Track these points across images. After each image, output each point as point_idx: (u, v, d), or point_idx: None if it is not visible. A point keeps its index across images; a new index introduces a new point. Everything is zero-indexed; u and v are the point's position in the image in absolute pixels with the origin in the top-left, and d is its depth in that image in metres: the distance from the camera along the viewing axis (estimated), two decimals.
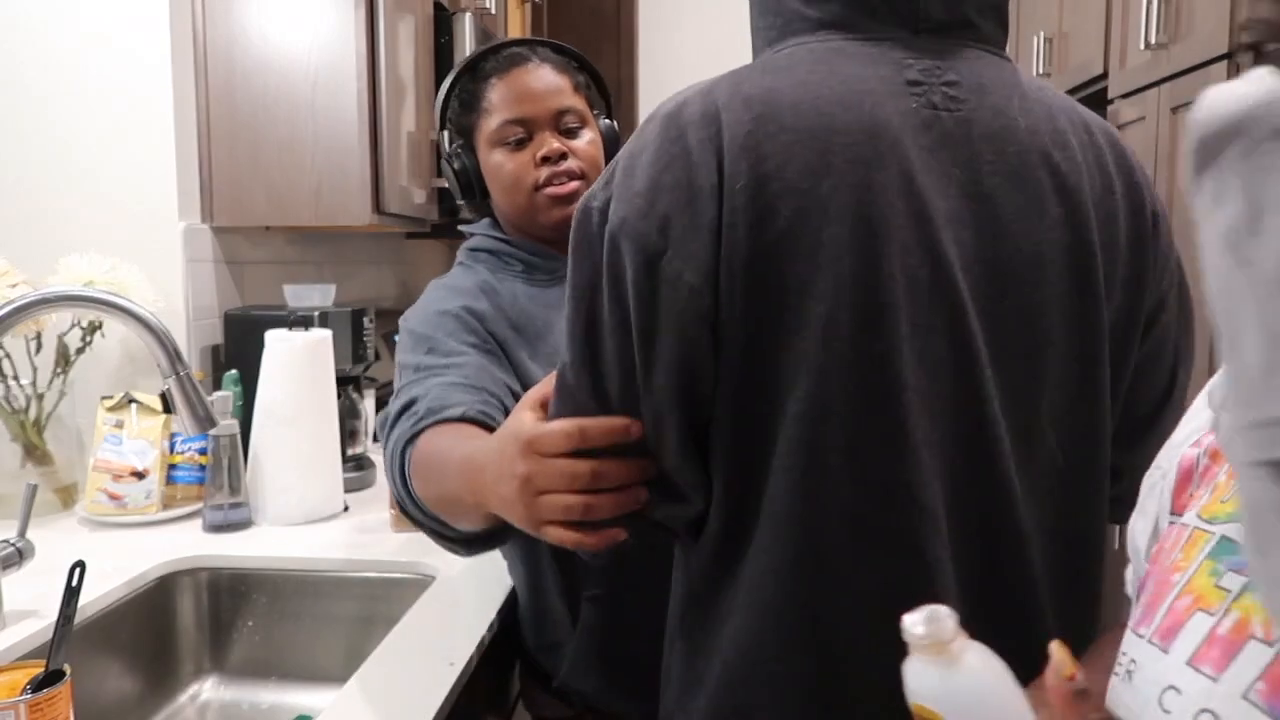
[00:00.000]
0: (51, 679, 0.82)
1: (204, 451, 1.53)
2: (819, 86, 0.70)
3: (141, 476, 1.49)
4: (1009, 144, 0.71)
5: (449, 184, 1.24)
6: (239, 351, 1.69)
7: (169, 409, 1.52)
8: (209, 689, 1.34)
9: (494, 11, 2.45)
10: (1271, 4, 0.59)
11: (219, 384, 1.66)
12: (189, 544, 1.39)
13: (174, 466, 1.54)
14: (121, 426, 1.51)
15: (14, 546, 1.13)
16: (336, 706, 0.92)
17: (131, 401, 1.52)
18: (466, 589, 1.23)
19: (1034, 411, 0.73)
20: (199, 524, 1.47)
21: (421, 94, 1.94)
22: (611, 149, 1.22)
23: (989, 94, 0.72)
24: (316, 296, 1.68)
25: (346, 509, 1.58)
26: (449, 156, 1.22)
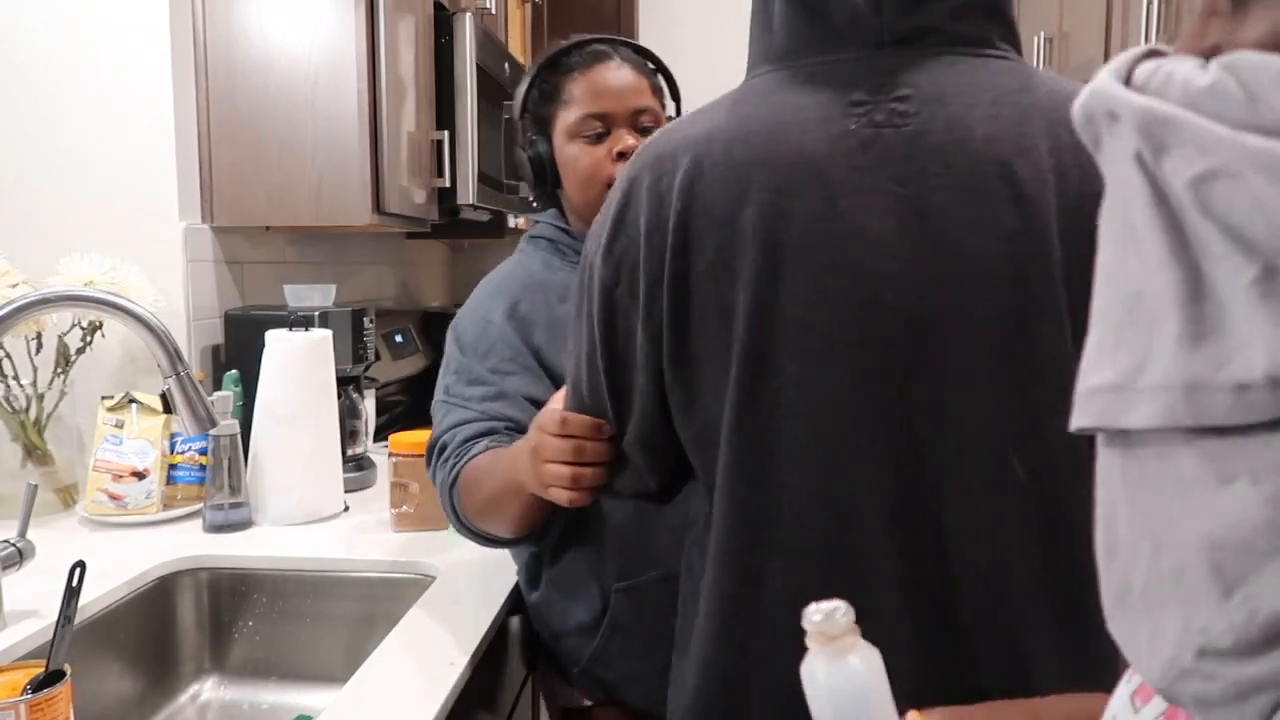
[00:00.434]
0: (52, 679, 0.82)
1: (204, 451, 1.53)
2: (753, 121, 0.76)
3: (142, 476, 1.49)
4: (960, 155, 0.71)
5: (521, 170, 1.27)
6: (239, 351, 1.69)
7: (169, 409, 1.52)
8: (209, 689, 1.34)
9: (494, 11, 2.45)
10: None
11: (219, 384, 1.66)
12: (189, 544, 1.39)
13: (174, 466, 1.54)
14: (122, 426, 1.51)
15: (14, 546, 1.13)
16: (337, 706, 0.92)
17: (132, 401, 1.52)
18: (466, 589, 1.23)
19: (981, 425, 0.72)
20: (199, 524, 1.47)
21: (422, 94, 1.94)
22: None
23: (947, 104, 0.71)
24: (317, 296, 1.68)
25: (347, 509, 1.58)
26: (524, 144, 1.25)
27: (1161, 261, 0.34)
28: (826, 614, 0.52)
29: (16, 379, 1.51)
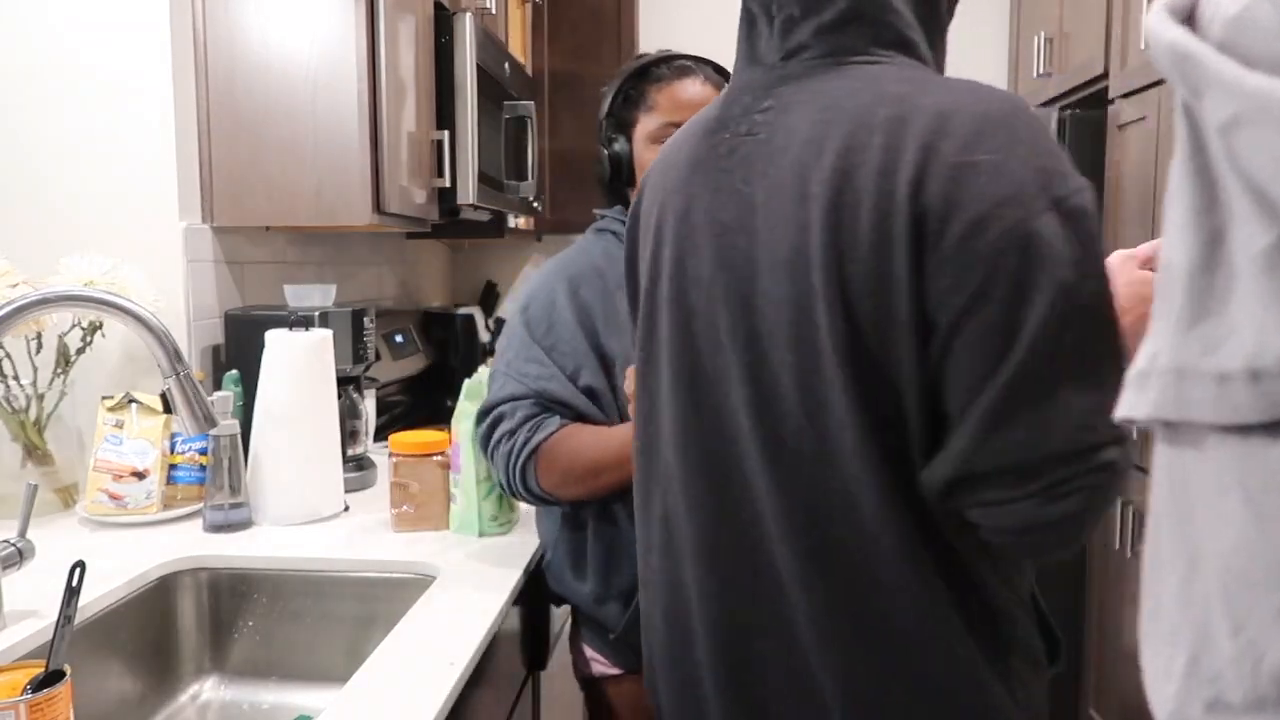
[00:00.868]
0: (52, 679, 0.82)
1: (204, 451, 1.53)
2: (680, 132, 0.96)
3: (142, 476, 1.49)
4: (784, 157, 0.79)
5: (599, 165, 1.38)
6: (239, 351, 1.69)
7: (169, 409, 1.52)
8: (209, 689, 1.34)
9: (494, 11, 2.45)
10: None
11: (219, 384, 1.66)
12: (189, 544, 1.39)
13: (174, 466, 1.54)
14: (122, 426, 1.51)
15: (14, 546, 1.13)
16: (337, 706, 0.92)
17: (132, 401, 1.52)
18: (467, 589, 1.23)
19: (778, 405, 0.80)
20: (199, 524, 1.47)
21: (422, 94, 1.94)
22: None
23: (791, 112, 0.80)
24: (317, 296, 1.69)
25: (347, 509, 1.58)
26: (606, 141, 1.37)
27: (1185, 223, 0.29)
28: None
29: (16, 379, 1.51)
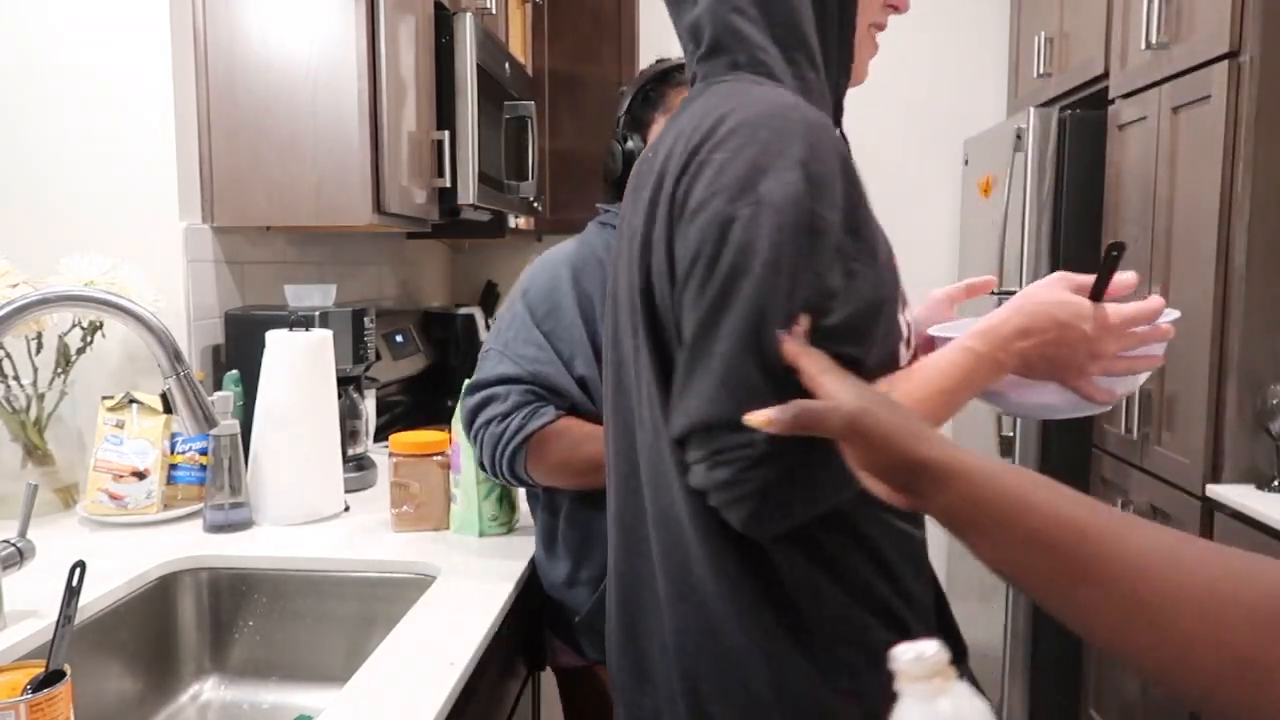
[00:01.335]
0: (52, 679, 0.82)
1: (205, 451, 1.53)
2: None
3: (142, 476, 1.49)
4: (646, 171, 0.89)
5: (611, 160, 1.41)
6: (240, 351, 1.69)
7: (170, 409, 1.52)
8: (210, 689, 1.34)
9: (494, 11, 2.45)
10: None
11: (219, 384, 1.66)
12: (189, 544, 1.39)
13: (175, 466, 1.54)
14: (122, 426, 1.51)
15: (14, 546, 1.13)
16: (337, 706, 0.92)
17: (132, 401, 1.52)
18: (467, 589, 1.23)
19: (636, 387, 0.89)
20: (200, 524, 1.47)
21: (422, 94, 1.94)
22: None
23: (669, 131, 0.88)
24: (317, 296, 1.69)
25: (347, 509, 1.58)
26: (621, 138, 1.40)
27: None
28: (916, 654, 0.48)
29: (17, 379, 1.51)
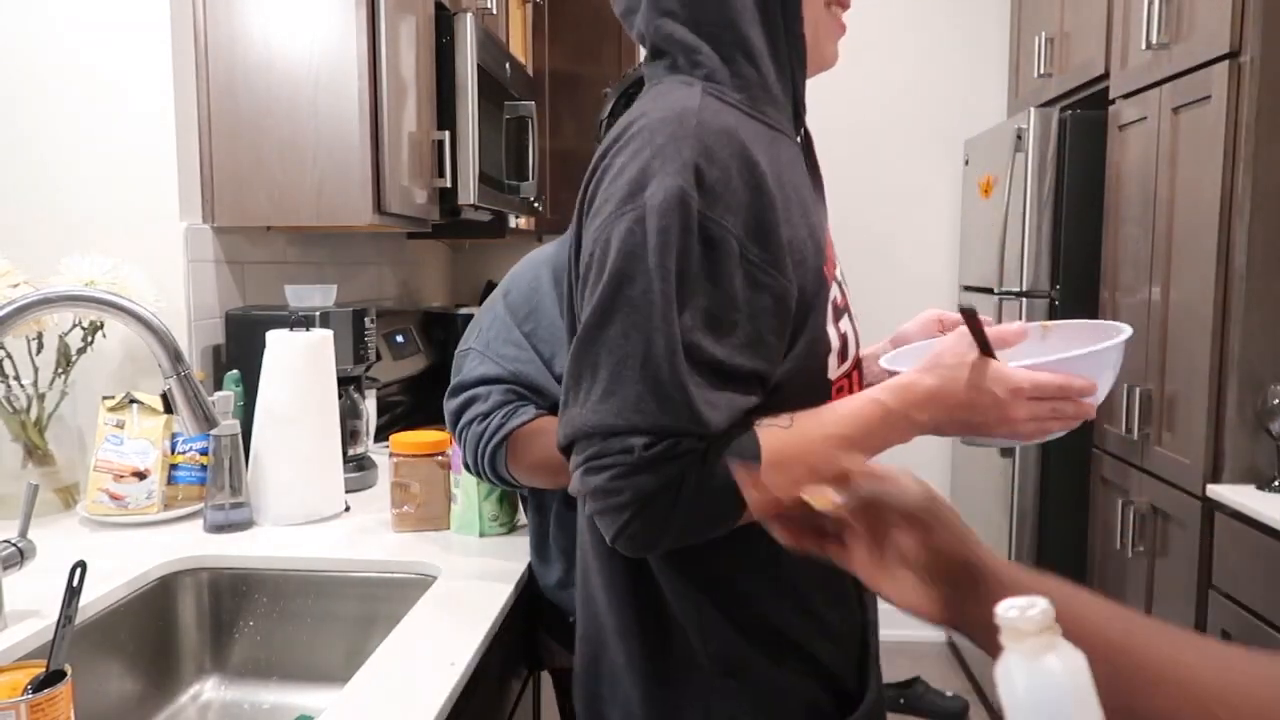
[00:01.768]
0: (52, 679, 0.82)
1: (205, 452, 1.53)
2: None
3: (143, 476, 1.49)
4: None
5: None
6: (240, 351, 1.69)
7: (170, 409, 1.52)
8: (210, 689, 1.34)
9: (495, 12, 2.45)
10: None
11: (220, 384, 1.66)
12: (190, 544, 1.39)
13: (175, 466, 1.54)
14: (123, 426, 1.51)
15: (15, 546, 1.13)
16: (338, 707, 0.92)
17: (133, 401, 1.52)
18: (467, 589, 1.23)
19: None
20: (200, 524, 1.47)
21: (423, 94, 1.94)
22: None
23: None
24: (318, 297, 1.69)
25: (348, 509, 1.58)
26: (604, 139, 1.38)
27: None
28: (1021, 610, 0.47)
29: (17, 379, 1.51)
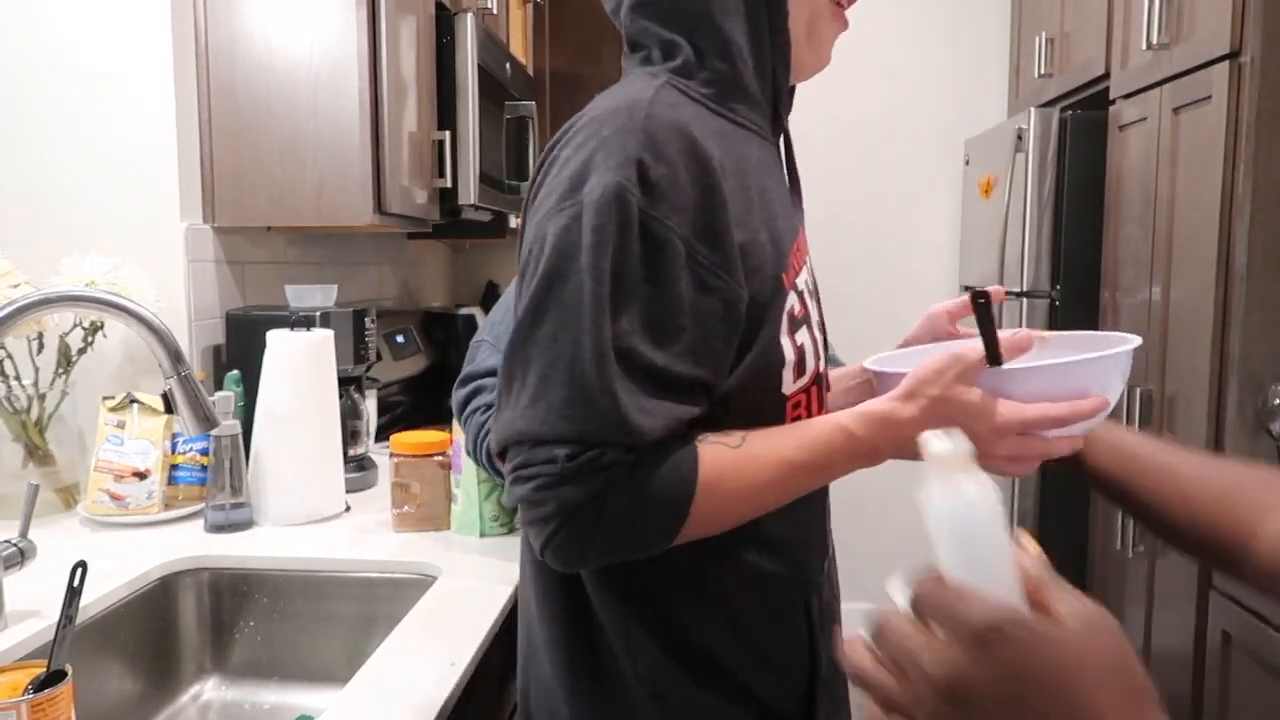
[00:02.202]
0: (53, 679, 0.82)
1: (206, 452, 1.53)
2: None
3: (143, 477, 1.49)
4: None
5: None
6: (241, 352, 1.69)
7: (171, 409, 1.52)
8: (210, 689, 1.34)
9: (495, 12, 2.45)
10: None
11: (220, 384, 1.66)
12: (190, 544, 1.39)
13: (175, 467, 1.54)
14: (123, 427, 1.51)
15: (16, 546, 1.13)
16: (338, 707, 0.92)
17: (133, 402, 1.52)
18: (467, 589, 1.23)
19: None
20: (200, 524, 1.47)
21: (423, 94, 1.94)
22: None
23: None
24: (318, 297, 1.69)
25: (348, 509, 1.58)
26: None
27: None
28: (953, 442, 0.50)
29: (18, 379, 1.51)
